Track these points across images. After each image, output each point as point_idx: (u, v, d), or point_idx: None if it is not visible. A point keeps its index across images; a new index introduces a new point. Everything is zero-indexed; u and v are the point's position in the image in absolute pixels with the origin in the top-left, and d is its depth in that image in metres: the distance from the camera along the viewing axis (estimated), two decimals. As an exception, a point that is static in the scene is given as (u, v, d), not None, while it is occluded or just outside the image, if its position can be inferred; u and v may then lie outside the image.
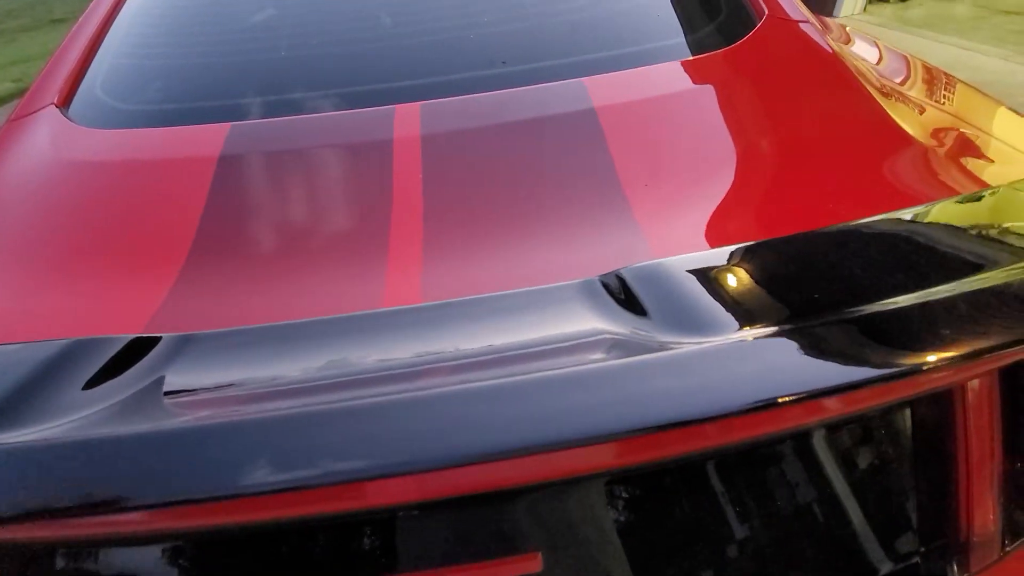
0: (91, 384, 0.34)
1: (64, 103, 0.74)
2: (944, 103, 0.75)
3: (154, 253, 0.52)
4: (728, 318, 0.35)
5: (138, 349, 0.36)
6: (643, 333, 0.35)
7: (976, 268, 0.41)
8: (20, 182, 0.65)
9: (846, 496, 0.45)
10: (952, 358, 0.37)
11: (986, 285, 0.38)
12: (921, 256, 0.44)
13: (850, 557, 0.45)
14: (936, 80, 0.82)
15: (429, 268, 0.48)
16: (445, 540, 0.41)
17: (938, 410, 0.45)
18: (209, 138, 0.63)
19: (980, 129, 0.68)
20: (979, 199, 0.49)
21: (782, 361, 0.34)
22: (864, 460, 0.46)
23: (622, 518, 0.43)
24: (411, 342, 0.37)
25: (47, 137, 0.69)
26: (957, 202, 0.48)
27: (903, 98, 0.71)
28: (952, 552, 0.47)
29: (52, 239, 0.57)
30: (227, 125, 0.65)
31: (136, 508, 0.29)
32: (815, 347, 0.34)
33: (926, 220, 0.46)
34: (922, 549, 0.47)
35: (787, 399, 0.33)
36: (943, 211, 0.47)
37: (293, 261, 0.51)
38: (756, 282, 0.39)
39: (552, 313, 0.38)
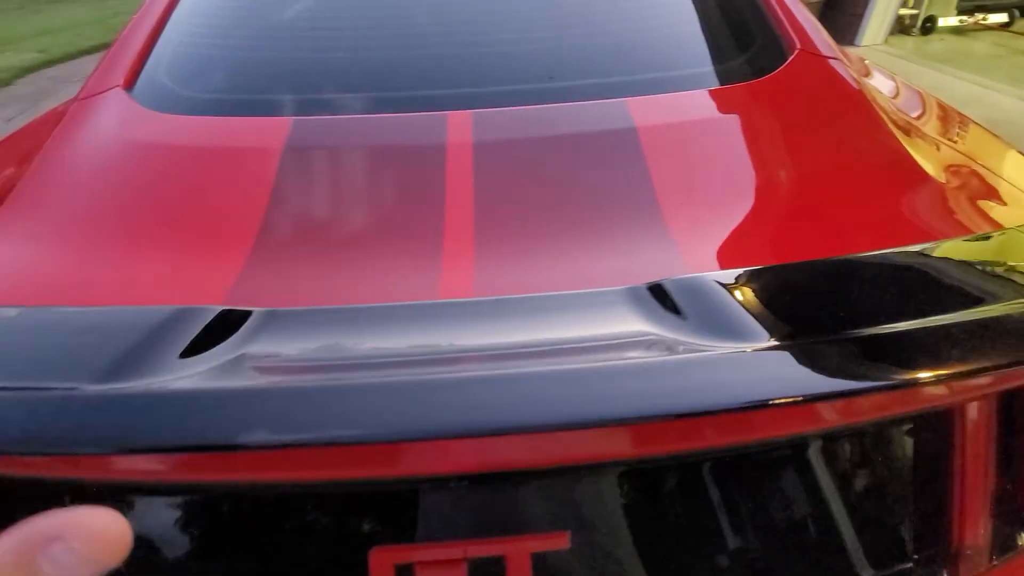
0: (194, 345, 0.38)
1: (128, 86, 0.79)
2: (958, 142, 0.79)
3: (225, 234, 0.57)
4: (757, 328, 0.39)
5: (232, 320, 0.41)
6: (683, 337, 0.39)
7: (980, 301, 0.45)
8: (91, 159, 0.69)
9: (846, 503, 0.49)
10: (952, 378, 0.41)
11: (987, 315, 0.42)
12: (932, 287, 0.48)
13: (847, 561, 0.49)
14: (950, 119, 0.86)
15: (480, 267, 0.52)
16: (483, 512, 0.45)
17: (938, 429, 0.49)
18: (273, 130, 0.68)
19: (991, 171, 0.72)
20: (988, 239, 0.53)
21: (797, 368, 0.39)
22: (865, 472, 0.50)
23: (649, 509, 0.47)
24: (469, 330, 0.42)
25: (115, 118, 0.74)
26: (969, 240, 0.52)
27: (921, 136, 0.75)
28: (943, 561, 0.51)
29: (127, 215, 0.61)
30: (289, 119, 0.69)
31: (231, 448, 0.33)
32: (827, 358, 0.39)
33: (940, 255, 0.50)
34: (915, 556, 0.51)
35: (798, 399, 0.37)
36: (956, 248, 0.52)
37: (353, 250, 0.56)
38: (781, 299, 0.43)
39: (601, 313, 0.42)
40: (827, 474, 0.49)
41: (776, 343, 0.38)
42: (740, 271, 0.44)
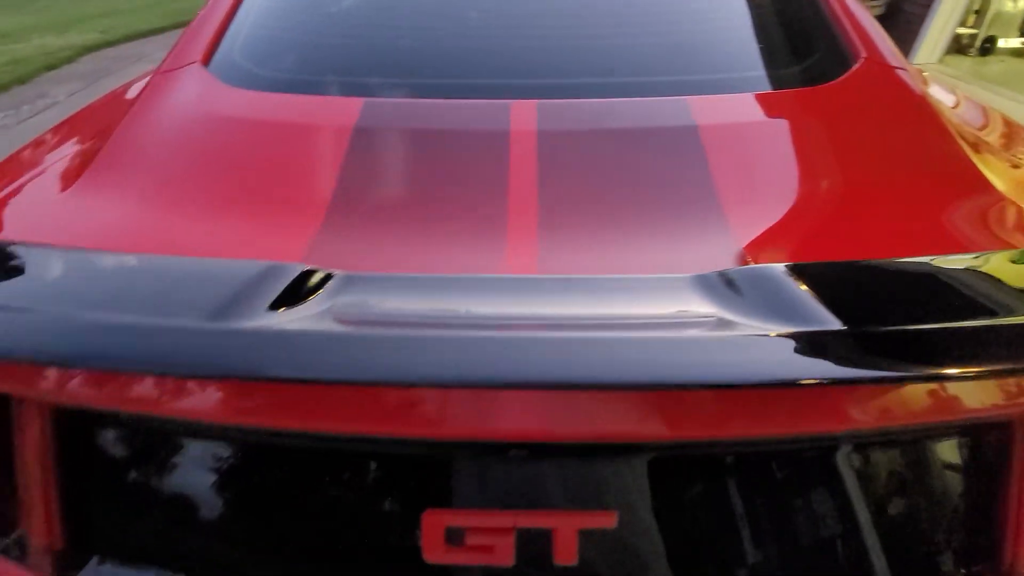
0: (280, 299, 0.41)
1: (206, 62, 0.83)
2: (1021, 156, 0.77)
3: (299, 202, 0.60)
4: (819, 315, 0.40)
5: (314, 279, 0.43)
6: (746, 321, 0.40)
7: None
8: (172, 128, 0.73)
9: (897, 512, 0.49)
10: (1001, 374, 0.41)
11: None
12: (992, 293, 0.47)
13: (895, 570, 0.49)
14: (1015, 133, 0.84)
15: (544, 247, 0.54)
16: (535, 485, 0.46)
17: (995, 441, 0.49)
18: (345, 109, 0.70)
19: None
20: None
21: (851, 351, 0.39)
22: (916, 480, 0.50)
23: (695, 499, 0.47)
24: (538, 302, 0.43)
25: (195, 91, 0.77)
26: None
27: (988, 148, 0.74)
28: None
29: (206, 180, 0.64)
30: (360, 100, 0.72)
31: (324, 382, 0.36)
32: (882, 346, 0.39)
33: (999, 262, 0.50)
34: (963, 571, 0.50)
35: (849, 378, 0.38)
36: (1018, 256, 0.51)
37: (421, 224, 0.58)
38: (842, 291, 0.44)
39: (666, 296, 0.43)
40: (879, 480, 0.49)
41: (834, 328, 0.39)
42: (803, 264, 0.44)
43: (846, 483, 0.48)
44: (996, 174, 0.67)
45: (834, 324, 0.39)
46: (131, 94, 0.92)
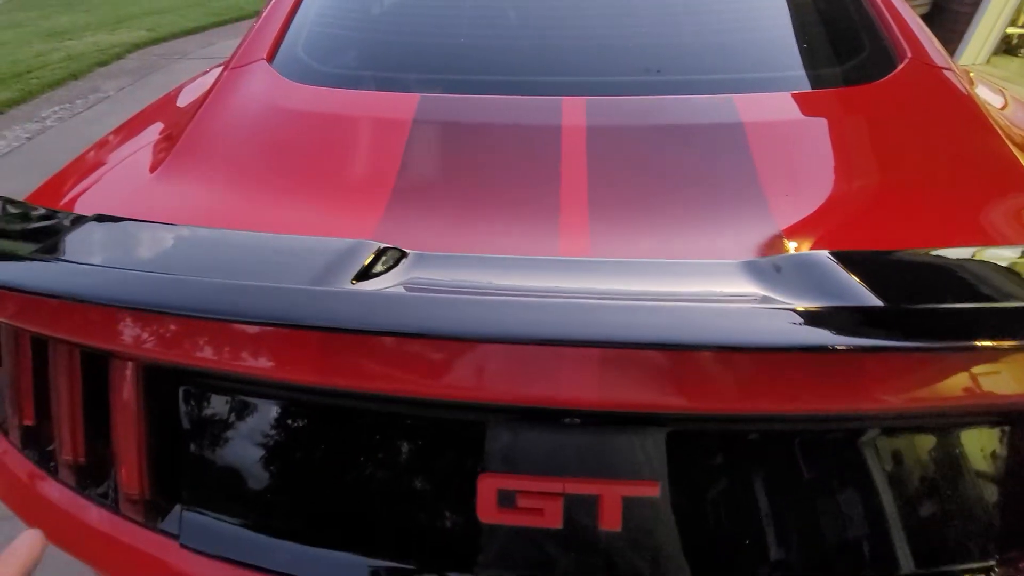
0: (361, 273, 0.45)
1: (271, 59, 0.88)
2: None
3: (363, 190, 0.64)
4: (864, 293, 0.42)
5: (391, 256, 0.48)
6: (792, 299, 0.42)
7: None
8: (243, 121, 0.78)
9: (934, 493, 0.51)
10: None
11: None
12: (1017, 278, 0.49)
13: (930, 555, 0.50)
14: None
15: (595, 235, 0.57)
16: (584, 453, 0.49)
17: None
18: (403, 104, 0.75)
19: None
20: None
21: (893, 324, 0.42)
22: (954, 466, 0.51)
23: (735, 474, 0.50)
24: (593, 281, 0.47)
25: (263, 87, 0.83)
26: None
27: None
28: (1026, 564, 0.52)
29: (278, 169, 0.69)
30: (417, 95, 0.76)
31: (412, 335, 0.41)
32: (920, 320, 0.41)
33: None
34: (998, 556, 0.51)
35: (884, 346, 0.40)
36: None
37: (477, 212, 0.61)
38: (888, 276, 0.46)
39: (714, 279, 0.46)
40: (911, 464, 0.50)
41: (875, 304, 0.41)
42: (847, 251, 0.46)
43: (885, 468, 0.50)
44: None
45: (875, 301, 0.41)
46: (190, 91, 0.98)
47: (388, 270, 0.46)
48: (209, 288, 0.42)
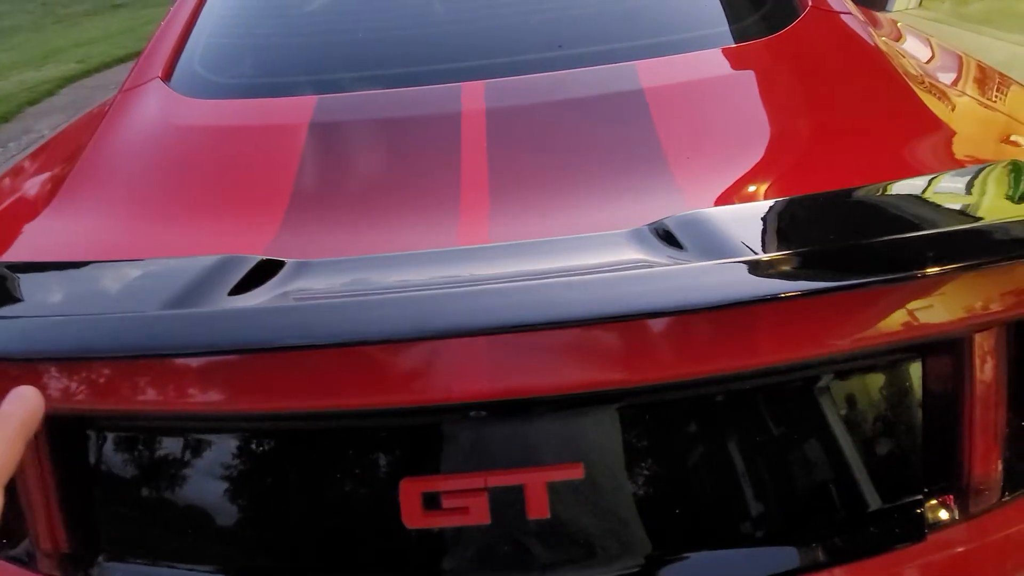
0: (237, 288, 0.43)
1: (167, 76, 0.85)
2: (996, 102, 0.78)
3: (261, 200, 0.62)
4: (749, 246, 0.42)
5: (271, 267, 0.46)
6: (680, 262, 0.42)
7: (983, 233, 0.46)
8: (139, 142, 0.75)
9: (856, 437, 0.51)
10: (909, 279, 0.42)
11: (992, 239, 0.44)
12: (928, 211, 0.49)
13: (857, 494, 0.51)
14: (989, 79, 0.84)
15: (496, 220, 0.56)
16: (501, 444, 0.48)
17: (947, 360, 0.50)
18: (299, 108, 0.72)
19: None
20: (983, 170, 0.53)
21: (796, 271, 0.41)
22: (875, 405, 0.51)
23: (658, 442, 0.49)
24: (481, 266, 0.45)
25: (156, 106, 0.79)
26: (958, 173, 0.53)
27: (943, 92, 0.74)
28: (953, 495, 0.52)
29: (173, 188, 0.67)
30: (314, 97, 0.74)
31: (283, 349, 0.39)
32: (824, 264, 0.41)
33: (938, 184, 0.51)
34: (925, 490, 0.52)
35: (790, 294, 0.39)
36: (945, 178, 0.52)
37: (377, 210, 0.60)
38: (780, 227, 0.46)
39: (605, 251, 0.45)
40: (835, 407, 0.50)
41: (766, 253, 0.41)
42: (738, 206, 0.46)
43: (805, 414, 0.50)
44: (944, 113, 0.67)
45: (766, 249, 0.41)
46: (89, 119, 0.95)
47: (265, 282, 0.44)
48: (52, 327, 0.40)
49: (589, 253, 0.46)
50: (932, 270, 0.42)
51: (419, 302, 0.39)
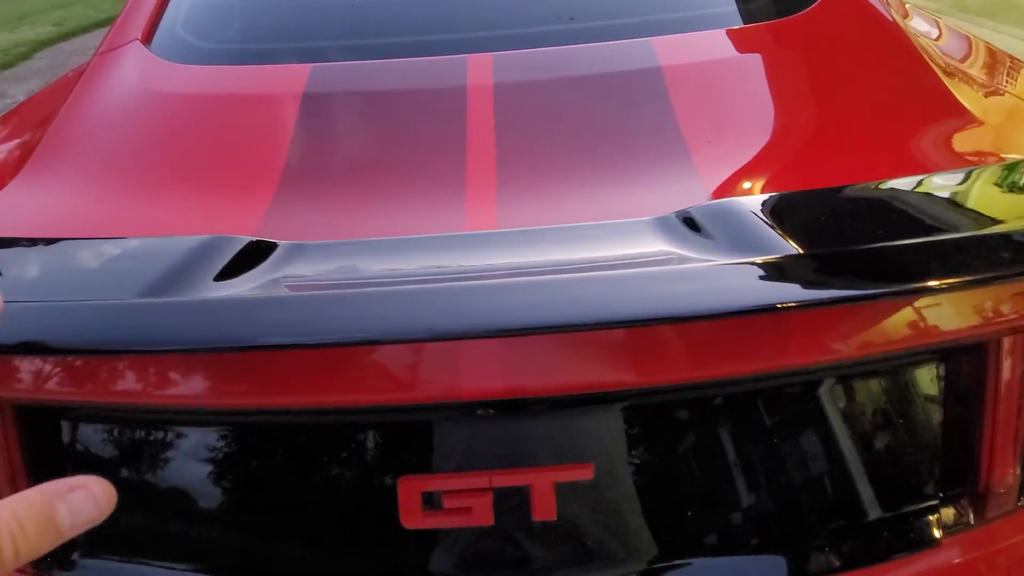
0: (224, 272, 0.39)
1: (147, 39, 0.79)
2: (1007, 85, 0.75)
3: (249, 176, 0.57)
4: (783, 244, 0.39)
5: (262, 249, 0.42)
6: (713, 258, 0.39)
7: (993, 220, 0.44)
8: (114, 109, 0.70)
9: (873, 441, 0.49)
10: (960, 286, 0.40)
11: (997, 230, 0.41)
12: (957, 212, 0.46)
13: (873, 498, 0.49)
14: (1000, 62, 0.82)
15: (503, 202, 0.52)
16: (508, 443, 0.46)
17: (968, 364, 0.48)
18: (292, 77, 0.67)
19: None
20: (1013, 166, 0.51)
21: (817, 273, 0.38)
22: (893, 409, 0.50)
23: (670, 443, 0.47)
24: (490, 255, 0.42)
25: (135, 70, 0.74)
26: (989, 168, 0.50)
27: (963, 75, 0.72)
28: (970, 500, 0.51)
29: (153, 161, 0.62)
30: (308, 66, 0.69)
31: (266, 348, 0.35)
32: (842, 266, 0.39)
33: (967, 181, 0.49)
34: (942, 495, 0.50)
35: (811, 300, 0.37)
36: (974, 174, 0.50)
37: (375, 190, 0.56)
38: (810, 219, 0.43)
39: (626, 240, 0.42)
40: (852, 409, 0.49)
41: (795, 253, 0.38)
42: (767, 195, 0.43)
43: (821, 417, 0.48)
44: (970, 99, 0.65)
45: (795, 249, 0.38)
46: (63, 83, 0.88)
47: (256, 266, 0.40)
48: (19, 314, 0.36)
49: (610, 242, 0.42)
50: (973, 276, 0.40)
51: (425, 299, 0.36)
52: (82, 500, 0.21)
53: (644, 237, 0.42)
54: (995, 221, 0.44)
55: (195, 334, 0.35)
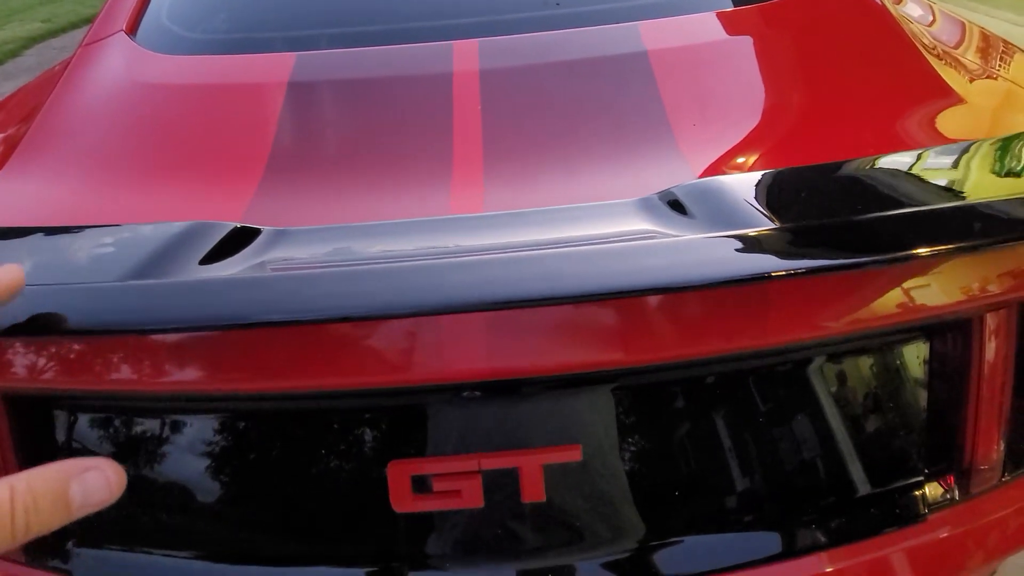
0: (208, 257, 0.39)
1: (132, 30, 0.78)
2: (999, 68, 0.75)
3: (235, 165, 0.57)
4: (758, 218, 0.39)
5: (247, 235, 0.42)
6: (691, 233, 0.39)
7: (973, 190, 0.44)
8: (100, 100, 0.69)
9: (859, 418, 0.49)
10: (933, 256, 0.40)
11: (975, 200, 0.42)
12: (939, 186, 0.47)
13: (859, 475, 0.50)
14: (992, 46, 0.82)
15: (490, 187, 0.52)
16: (496, 425, 0.46)
17: (956, 341, 0.49)
18: (277, 66, 0.67)
19: None
20: (993, 142, 0.51)
21: (798, 244, 0.39)
22: (879, 386, 0.50)
23: (658, 423, 0.47)
24: (474, 237, 0.42)
25: (121, 61, 0.73)
26: (985, 143, 0.51)
27: (952, 58, 0.72)
28: (955, 475, 0.51)
29: (139, 152, 0.61)
30: (293, 55, 0.68)
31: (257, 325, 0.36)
32: (842, 239, 0.39)
33: (950, 156, 0.49)
34: (927, 471, 0.51)
35: (805, 269, 0.37)
36: (967, 149, 0.50)
37: (363, 176, 0.56)
38: (793, 195, 0.43)
39: (609, 220, 0.42)
40: (838, 388, 0.49)
41: (775, 226, 0.38)
42: (747, 174, 0.43)
43: (807, 396, 0.48)
44: (958, 82, 0.65)
45: (775, 222, 0.38)
46: (49, 77, 0.88)
47: (240, 250, 0.40)
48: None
49: (592, 223, 0.42)
50: (949, 247, 0.40)
51: (407, 274, 0.36)
52: (95, 481, 0.21)
53: (626, 217, 0.42)
54: (975, 193, 0.44)
55: (178, 314, 0.35)
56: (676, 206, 0.42)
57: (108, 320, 0.35)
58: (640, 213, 0.42)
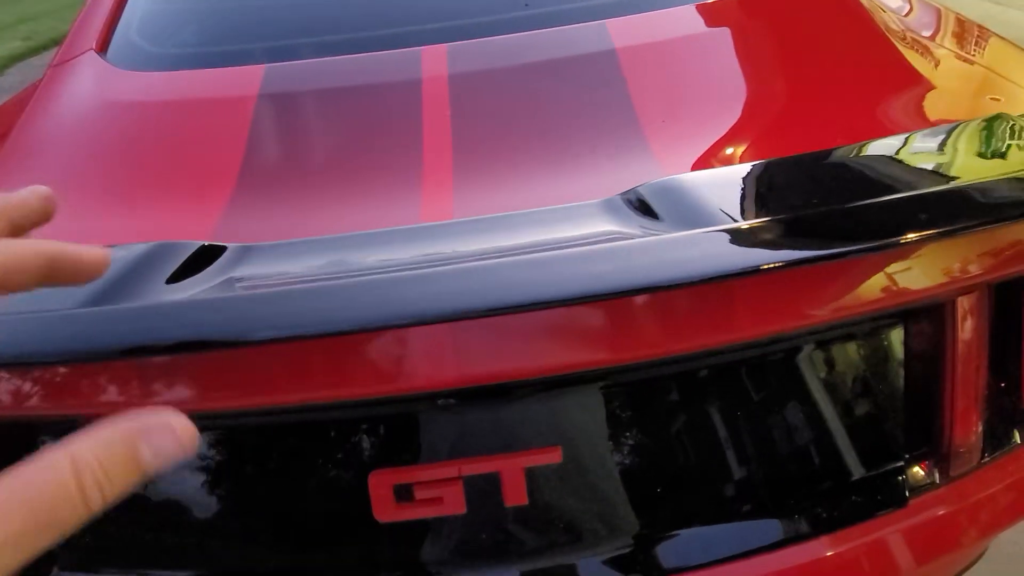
0: (174, 277, 0.39)
1: (102, 48, 0.78)
2: (975, 55, 0.75)
3: (205, 179, 0.57)
4: (727, 214, 0.39)
5: (209, 254, 0.41)
6: (655, 233, 0.39)
7: (942, 179, 0.44)
8: (71, 119, 0.69)
9: (839, 406, 0.50)
10: (900, 245, 0.41)
11: (947, 187, 0.42)
12: (909, 172, 0.47)
13: (840, 463, 0.50)
14: (968, 32, 0.82)
15: (460, 193, 0.52)
16: (475, 431, 0.46)
17: (930, 325, 0.49)
18: (246, 78, 0.67)
19: (1010, 80, 0.68)
20: (967, 125, 0.51)
21: (775, 238, 0.39)
22: (857, 373, 0.50)
23: (637, 422, 0.47)
24: (444, 244, 0.42)
25: (91, 80, 0.73)
26: (951, 128, 0.51)
27: (925, 47, 0.72)
28: (935, 459, 0.52)
29: (110, 171, 0.61)
30: (262, 66, 0.68)
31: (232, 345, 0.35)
32: (806, 233, 0.39)
33: (919, 142, 0.49)
34: (907, 456, 0.51)
35: (772, 266, 0.37)
36: (936, 134, 0.50)
37: (333, 187, 0.56)
38: (758, 190, 0.43)
39: (575, 223, 0.42)
40: (817, 377, 0.49)
41: (744, 224, 0.38)
42: (714, 171, 0.43)
43: (786, 387, 0.49)
44: (924, 66, 0.65)
45: (745, 217, 0.38)
46: (20, 98, 0.87)
47: (205, 269, 0.40)
48: None
49: (558, 226, 0.43)
50: (918, 235, 0.40)
51: (374, 288, 0.36)
52: (164, 439, 0.19)
53: (592, 218, 0.42)
54: (948, 177, 0.45)
55: (144, 338, 0.35)
56: (641, 206, 0.42)
57: (68, 349, 0.35)
58: (606, 214, 0.42)
